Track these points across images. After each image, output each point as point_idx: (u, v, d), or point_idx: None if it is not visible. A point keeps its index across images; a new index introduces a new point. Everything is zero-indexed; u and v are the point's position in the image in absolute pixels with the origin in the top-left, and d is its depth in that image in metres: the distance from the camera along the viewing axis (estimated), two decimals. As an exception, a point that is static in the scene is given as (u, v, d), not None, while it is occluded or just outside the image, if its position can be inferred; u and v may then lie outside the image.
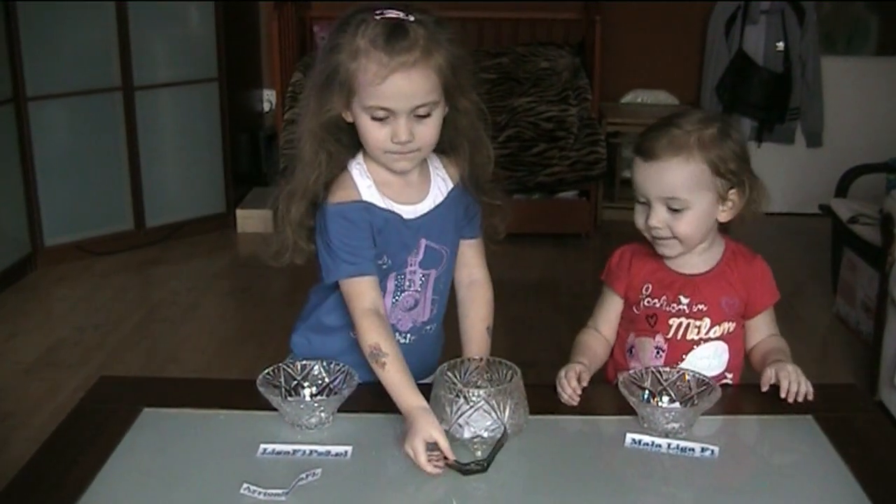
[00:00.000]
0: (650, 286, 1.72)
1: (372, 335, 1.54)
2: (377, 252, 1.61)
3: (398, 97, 1.49)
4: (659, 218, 1.64)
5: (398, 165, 1.58)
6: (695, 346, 1.70)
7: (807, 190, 5.09)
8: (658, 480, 1.41)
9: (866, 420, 1.59)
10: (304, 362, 1.61)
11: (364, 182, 1.60)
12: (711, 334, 1.71)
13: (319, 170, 1.59)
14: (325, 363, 1.60)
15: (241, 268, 4.56)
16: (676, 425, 1.50)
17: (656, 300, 1.71)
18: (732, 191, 1.65)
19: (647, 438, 1.49)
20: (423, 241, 1.65)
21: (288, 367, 1.59)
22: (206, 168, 4.95)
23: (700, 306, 1.69)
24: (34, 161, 4.33)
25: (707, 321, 1.70)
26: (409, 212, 1.63)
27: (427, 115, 1.53)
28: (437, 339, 1.79)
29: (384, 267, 1.63)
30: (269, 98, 5.59)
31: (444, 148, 1.66)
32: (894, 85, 5.26)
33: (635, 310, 1.74)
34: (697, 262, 1.71)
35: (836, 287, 3.98)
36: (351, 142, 1.61)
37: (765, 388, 1.60)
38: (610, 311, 1.79)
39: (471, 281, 1.77)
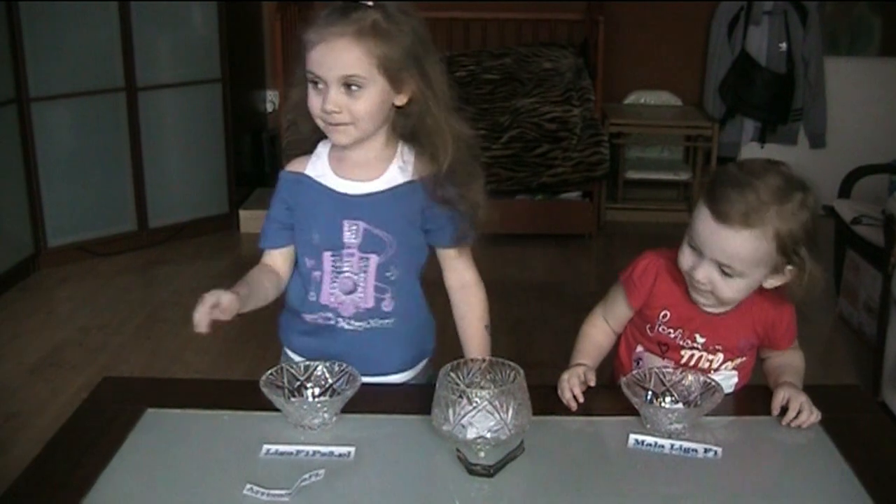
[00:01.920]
0: (668, 314, 1.68)
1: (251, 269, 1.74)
2: (306, 226, 1.68)
3: (321, 65, 1.57)
4: (707, 275, 1.57)
5: (334, 138, 1.64)
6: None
7: (810, 191, 5.08)
8: (661, 481, 1.41)
9: (869, 421, 1.59)
10: (307, 363, 1.61)
11: (318, 154, 1.70)
12: (723, 368, 1.69)
13: (302, 139, 1.72)
14: (327, 364, 1.60)
15: (244, 268, 4.47)
16: (679, 426, 1.50)
17: (671, 331, 1.68)
18: (789, 267, 1.57)
19: (650, 439, 1.50)
20: (362, 224, 1.66)
21: (291, 368, 1.59)
22: (209, 169, 4.95)
23: (716, 346, 1.67)
24: (37, 162, 4.33)
25: (720, 356, 1.68)
26: (347, 187, 1.67)
27: (356, 89, 1.58)
28: (407, 339, 1.76)
29: (314, 242, 1.68)
30: (272, 99, 5.60)
31: (420, 143, 1.69)
32: (897, 86, 5.26)
33: (649, 331, 1.71)
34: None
35: (839, 288, 3.98)
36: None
37: (776, 413, 1.57)
38: (620, 312, 1.76)
39: (462, 284, 1.78)
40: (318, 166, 1.69)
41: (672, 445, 1.48)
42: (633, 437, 1.50)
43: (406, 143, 1.69)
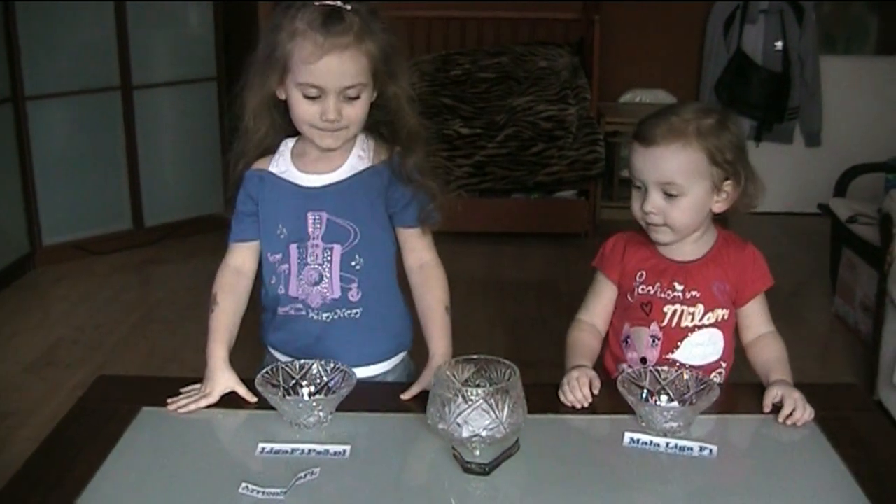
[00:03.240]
0: (644, 273, 1.74)
1: (218, 285, 1.73)
2: (272, 221, 1.69)
3: (329, 76, 1.57)
4: (654, 203, 1.66)
5: (324, 142, 1.64)
6: (689, 334, 1.71)
7: (806, 189, 5.10)
8: (656, 479, 1.41)
9: (865, 420, 1.59)
10: (302, 361, 1.61)
11: (281, 151, 1.71)
12: (705, 321, 1.71)
13: (259, 141, 1.71)
14: (322, 362, 1.60)
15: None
16: (675, 424, 1.50)
17: (651, 287, 1.73)
18: (727, 181, 1.67)
19: (645, 438, 1.50)
20: (325, 215, 1.67)
21: (287, 366, 1.59)
22: (204, 167, 4.94)
23: (693, 292, 1.71)
24: (33, 160, 4.33)
25: (700, 307, 1.71)
26: (309, 180, 1.68)
27: (356, 97, 1.61)
28: (378, 330, 1.76)
29: (282, 237, 1.69)
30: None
31: (380, 132, 1.71)
32: (893, 85, 5.26)
33: (630, 298, 1.75)
34: (690, 249, 1.73)
35: (835, 286, 3.98)
36: (286, 120, 1.68)
37: (767, 410, 1.58)
38: (603, 298, 1.79)
39: (420, 265, 1.77)
40: (280, 163, 1.71)
41: (667, 444, 1.48)
42: (628, 435, 1.50)
43: (364, 133, 1.72)
